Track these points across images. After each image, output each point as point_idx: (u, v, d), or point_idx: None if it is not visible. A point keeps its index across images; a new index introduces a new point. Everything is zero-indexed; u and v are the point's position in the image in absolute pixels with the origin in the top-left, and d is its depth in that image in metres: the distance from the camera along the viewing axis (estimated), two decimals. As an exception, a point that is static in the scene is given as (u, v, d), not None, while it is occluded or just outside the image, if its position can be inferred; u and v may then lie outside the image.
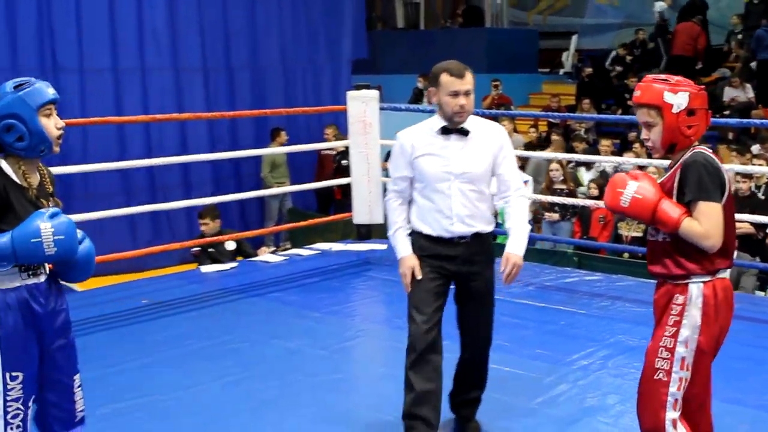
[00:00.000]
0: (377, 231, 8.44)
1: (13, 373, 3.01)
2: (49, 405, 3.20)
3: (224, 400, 4.61)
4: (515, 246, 3.94)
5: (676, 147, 3.17)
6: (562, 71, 18.30)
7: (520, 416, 4.41)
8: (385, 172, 11.15)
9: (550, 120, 14.40)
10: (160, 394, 4.71)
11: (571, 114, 14.43)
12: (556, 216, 10.13)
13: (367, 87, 8.12)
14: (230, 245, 8.37)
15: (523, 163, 10.98)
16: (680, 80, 3.16)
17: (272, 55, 13.60)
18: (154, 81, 12.32)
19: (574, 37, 18.52)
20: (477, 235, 3.95)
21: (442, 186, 3.87)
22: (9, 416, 3.01)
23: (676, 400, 3.16)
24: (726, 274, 3.19)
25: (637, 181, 3.17)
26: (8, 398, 3.01)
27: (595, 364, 5.12)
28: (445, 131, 3.89)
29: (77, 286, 10.88)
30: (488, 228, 4.02)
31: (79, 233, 3.16)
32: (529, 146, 12.44)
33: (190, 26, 12.63)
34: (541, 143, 12.95)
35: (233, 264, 7.81)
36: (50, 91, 3.12)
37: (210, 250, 8.28)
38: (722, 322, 3.18)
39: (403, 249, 3.96)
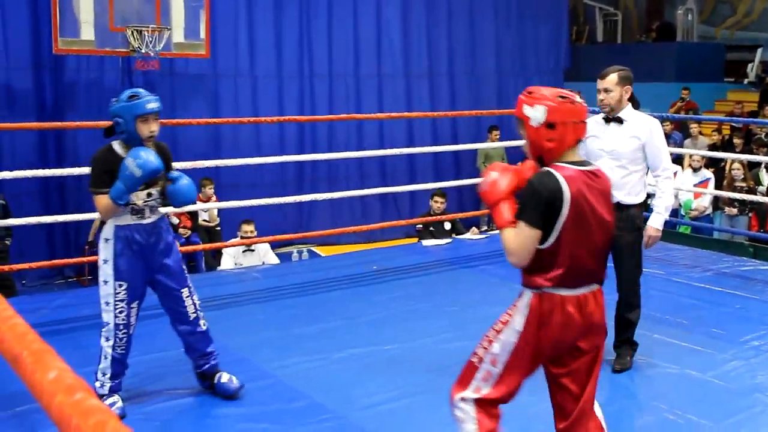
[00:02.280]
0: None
1: (120, 282, 3.79)
2: (167, 309, 4.01)
3: (439, 354, 4.69)
4: (654, 221, 4.36)
5: (544, 159, 2.73)
6: (746, 81, 17.26)
7: (693, 386, 4.26)
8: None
9: (733, 124, 13.62)
10: (384, 344, 4.85)
11: (753, 119, 13.60)
12: (734, 210, 9.62)
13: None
14: (447, 224, 8.48)
15: (706, 162, 10.48)
16: (543, 94, 2.69)
17: (488, 64, 13.60)
18: (388, 85, 12.61)
19: (760, 50, 17.41)
20: (619, 205, 4.13)
21: (596, 161, 4.13)
22: (117, 311, 3.81)
23: (479, 387, 2.79)
24: (568, 292, 2.70)
25: (500, 174, 2.79)
26: (116, 298, 3.80)
27: (766, 345, 4.86)
28: (606, 120, 4.39)
29: (321, 251, 11.47)
30: (631, 200, 4.31)
31: (176, 173, 3.93)
32: (712, 147, 11.87)
33: (419, 38, 12.84)
34: (724, 145, 12.30)
35: (448, 240, 7.92)
36: (149, 106, 3.76)
37: (431, 228, 8.43)
38: (551, 336, 2.72)
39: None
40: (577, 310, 2.72)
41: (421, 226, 8.48)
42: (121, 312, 3.81)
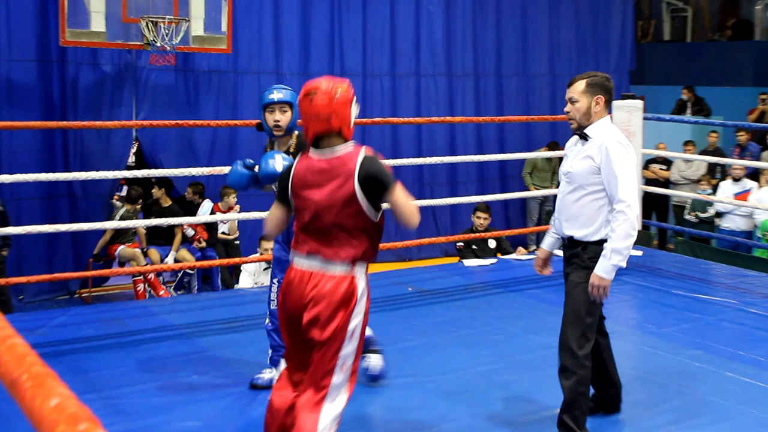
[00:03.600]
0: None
1: (275, 279, 4.49)
2: None
3: (478, 387, 4.67)
4: (598, 266, 3.80)
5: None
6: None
7: (772, 431, 4.19)
8: (645, 179, 10.91)
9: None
10: (420, 375, 4.83)
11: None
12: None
13: (632, 97, 7.95)
14: (491, 242, 8.45)
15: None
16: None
17: (541, 64, 13.55)
18: (428, 86, 12.61)
19: None
20: (571, 240, 3.92)
21: (561, 182, 4.06)
22: (272, 305, 4.47)
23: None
24: (295, 261, 3.31)
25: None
26: (271, 292, 4.52)
27: None
28: (580, 136, 3.98)
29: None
30: (583, 235, 3.88)
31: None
32: (795, 161, 11.72)
33: (464, 34, 12.83)
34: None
35: (493, 260, 7.89)
36: (269, 96, 4.39)
37: (473, 247, 8.41)
38: (288, 304, 3.28)
39: None
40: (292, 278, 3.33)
41: (462, 244, 8.46)
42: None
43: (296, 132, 4.50)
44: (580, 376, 3.84)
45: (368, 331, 4.43)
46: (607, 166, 3.78)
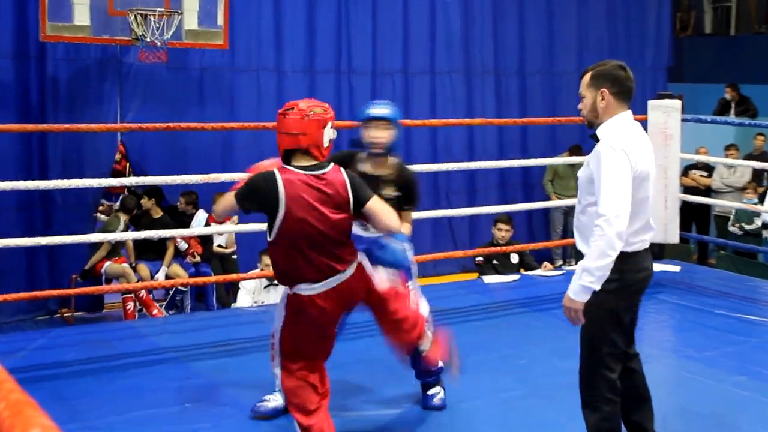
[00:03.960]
0: (671, 251, 8.25)
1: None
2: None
3: (499, 415, 4.67)
4: (570, 286, 3.65)
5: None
6: None
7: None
8: (683, 187, 10.88)
9: None
10: (437, 403, 4.84)
11: None
12: None
13: (669, 96, 7.95)
14: (514, 257, 8.46)
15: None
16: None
17: (568, 61, 13.53)
18: (444, 85, 12.62)
19: None
20: (581, 255, 3.73)
21: None
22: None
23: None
24: (303, 290, 3.80)
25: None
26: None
27: None
28: (593, 137, 3.87)
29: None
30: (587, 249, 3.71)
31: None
32: None
33: (483, 28, 12.83)
34: None
35: (515, 276, 7.89)
36: (369, 111, 4.59)
37: (494, 262, 8.41)
38: (304, 327, 3.87)
39: None
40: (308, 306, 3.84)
41: (482, 258, 8.46)
42: None
43: (397, 161, 4.69)
44: (604, 412, 3.79)
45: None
46: (597, 174, 3.65)
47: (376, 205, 3.88)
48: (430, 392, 4.80)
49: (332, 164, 3.86)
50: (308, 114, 3.77)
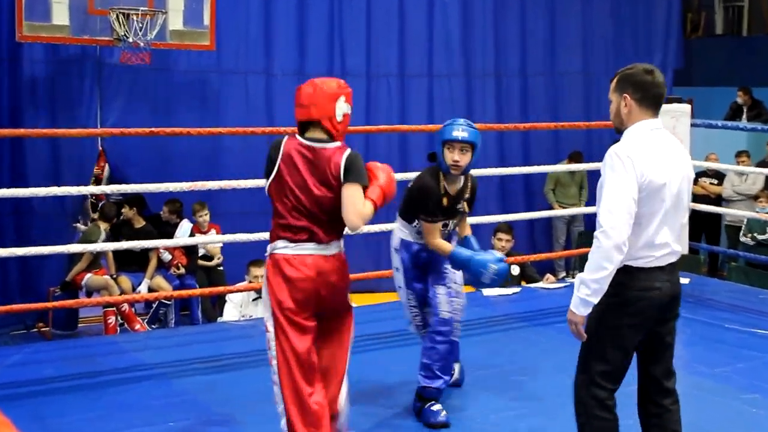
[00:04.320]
0: (679, 263, 8.24)
1: (409, 290, 5.16)
2: None
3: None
4: (572, 301, 3.69)
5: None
6: None
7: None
8: (693, 196, 10.90)
9: None
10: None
11: None
12: None
13: (678, 100, 7.98)
14: (515, 269, 8.47)
15: None
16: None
17: (573, 62, 13.54)
18: (441, 88, 12.63)
19: None
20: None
21: None
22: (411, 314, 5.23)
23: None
24: (279, 249, 4.02)
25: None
26: (409, 304, 5.20)
27: None
28: None
29: (352, 300, 11.41)
30: None
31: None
32: None
33: (484, 28, 12.83)
34: None
35: (516, 288, 7.91)
36: (454, 133, 4.90)
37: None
38: (282, 285, 4.01)
39: None
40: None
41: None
42: (416, 317, 5.21)
43: (470, 174, 5.15)
44: (593, 427, 3.81)
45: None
46: (601, 181, 3.67)
47: (350, 192, 3.97)
48: (434, 408, 4.89)
49: (341, 144, 4.07)
50: (322, 86, 4.07)
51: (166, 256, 10.16)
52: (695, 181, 12.01)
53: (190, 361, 5.85)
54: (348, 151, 4.02)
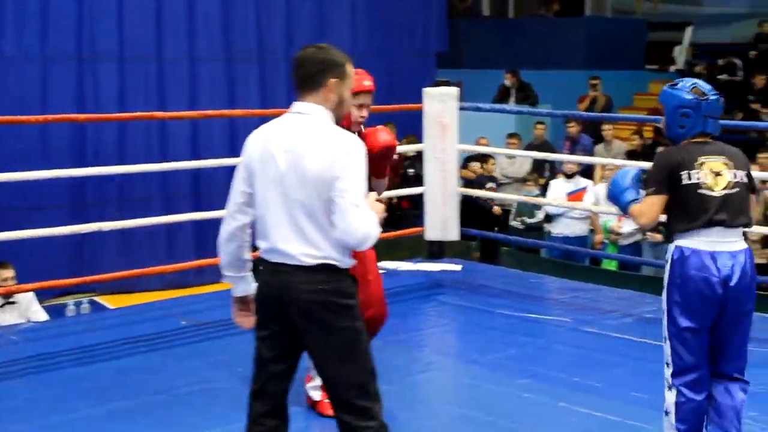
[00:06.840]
0: (451, 249, 8.45)
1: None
2: None
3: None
4: None
5: None
6: (672, 68, 18.08)
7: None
8: (463, 180, 11.20)
9: (657, 125, 14.21)
10: (210, 428, 4.80)
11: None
12: (659, 237, 9.96)
13: (446, 84, 8.13)
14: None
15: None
16: None
17: (342, 43, 13.62)
18: (203, 72, 12.50)
19: (689, 29, 18.29)
20: None
21: None
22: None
23: None
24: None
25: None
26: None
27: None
28: None
29: (108, 302, 11.17)
30: None
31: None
32: (631, 155, 12.29)
33: (245, 9, 12.80)
34: (646, 152, 12.78)
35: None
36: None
37: (261, 267, 8.37)
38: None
39: None
40: None
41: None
42: None
43: None
44: None
45: None
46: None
47: None
48: None
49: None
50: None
51: None
52: (465, 165, 12.37)
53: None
54: None
